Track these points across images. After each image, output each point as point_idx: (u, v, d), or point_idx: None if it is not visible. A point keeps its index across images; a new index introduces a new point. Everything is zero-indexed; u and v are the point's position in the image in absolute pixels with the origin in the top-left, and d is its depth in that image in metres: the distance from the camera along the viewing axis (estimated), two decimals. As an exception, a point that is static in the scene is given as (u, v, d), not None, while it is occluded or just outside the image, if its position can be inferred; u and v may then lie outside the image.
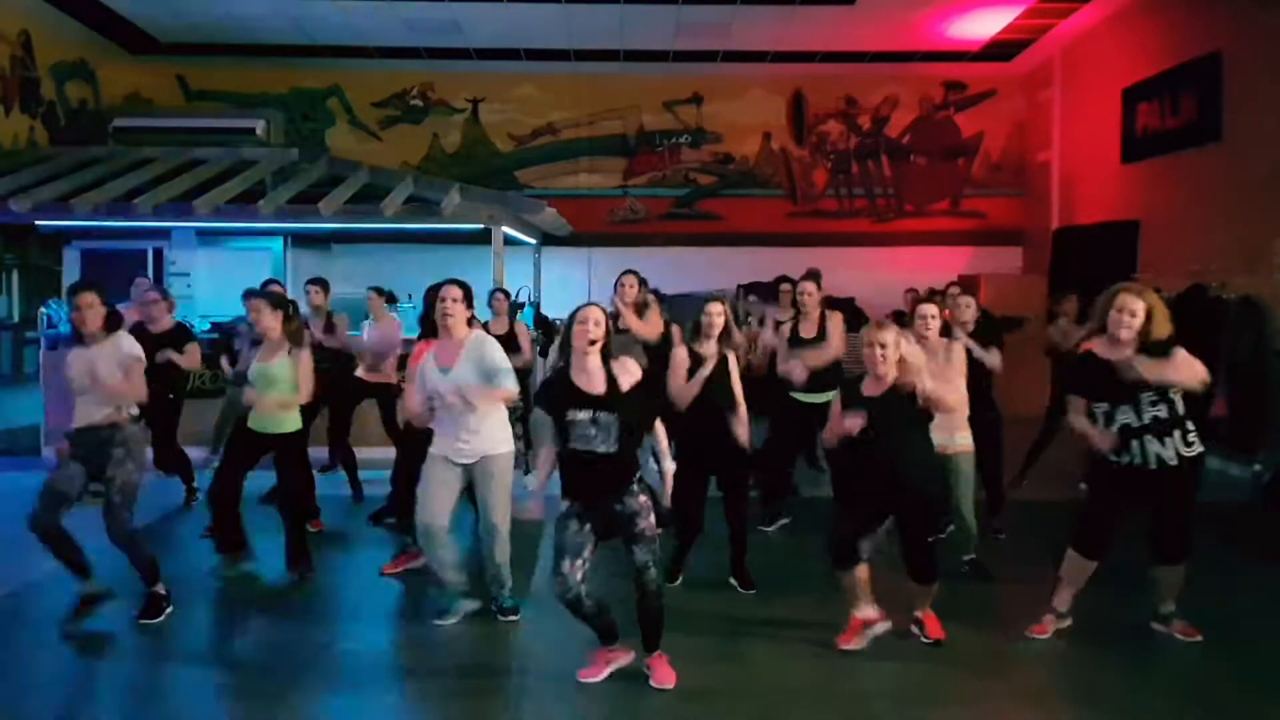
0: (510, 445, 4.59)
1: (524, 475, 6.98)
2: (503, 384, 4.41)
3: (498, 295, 7.37)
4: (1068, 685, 4.05)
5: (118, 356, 4.50)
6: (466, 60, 12.73)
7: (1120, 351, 4.15)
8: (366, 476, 6.94)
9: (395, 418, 6.41)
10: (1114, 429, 4.15)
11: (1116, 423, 4.14)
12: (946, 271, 11.59)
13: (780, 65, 12.83)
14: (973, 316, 5.77)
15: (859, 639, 4.27)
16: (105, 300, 4.55)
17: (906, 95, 13.52)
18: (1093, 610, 4.48)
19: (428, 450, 4.57)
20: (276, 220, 9.08)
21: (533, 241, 11.97)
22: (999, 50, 12.24)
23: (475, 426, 4.42)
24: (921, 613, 4.37)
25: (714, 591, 5.00)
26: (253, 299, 5.23)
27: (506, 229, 9.38)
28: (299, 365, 5.15)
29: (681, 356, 4.93)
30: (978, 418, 5.10)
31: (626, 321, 6.11)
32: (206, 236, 11.48)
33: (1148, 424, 4.09)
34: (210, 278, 11.66)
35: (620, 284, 6.36)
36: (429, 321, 4.80)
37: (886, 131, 13.61)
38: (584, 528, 3.79)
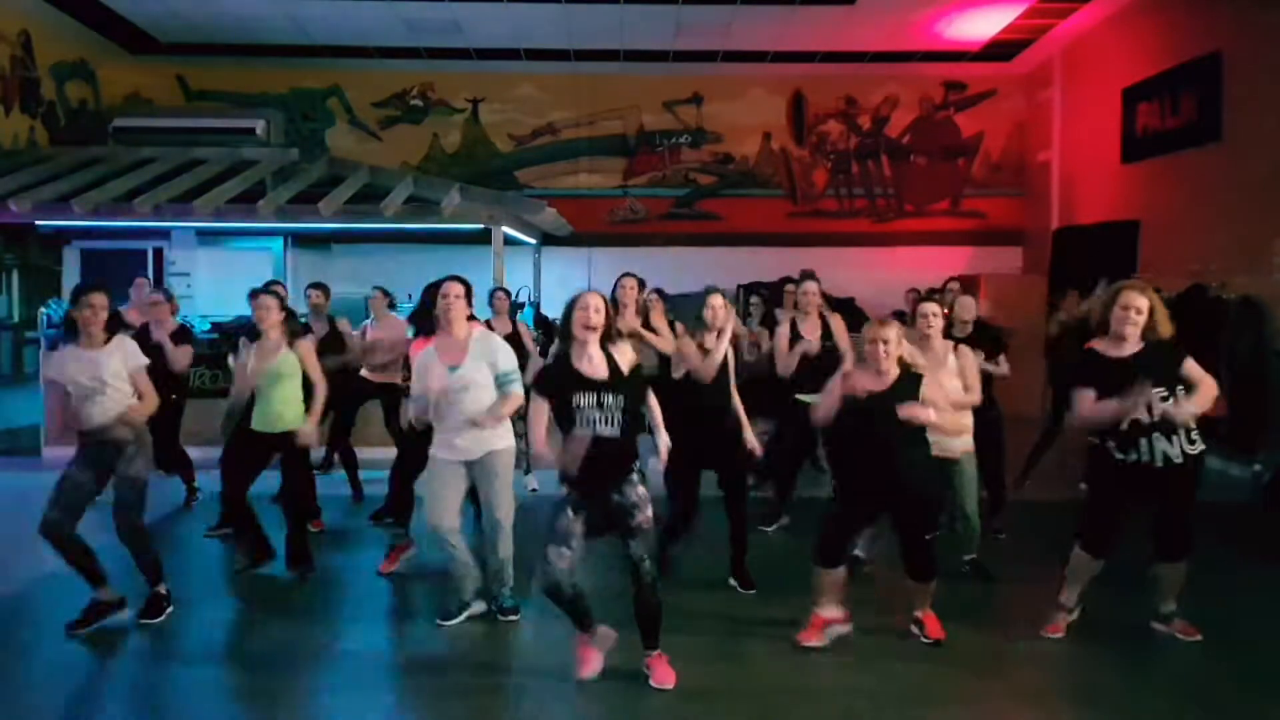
0: (511, 441, 4.61)
1: (524, 475, 6.99)
2: (512, 390, 4.46)
3: (499, 295, 7.35)
4: (1068, 685, 4.05)
5: (127, 364, 4.50)
6: (466, 60, 12.73)
7: (1123, 349, 4.16)
8: (367, 476, 6.94)
9: (398, 418, 6.40)
10: (1124, 425, 4.13)
11: (1127, 419, 4.13)
12: (946, 272, 11.54)
13: (780, 65, 12.83)
14: (973, 316, 5.80)
15: (820, 636, 4.30)
16: (111, 303, 4.57)
17: (906, 95, 13.53)
18: (1093, 610, 4.49)
19: (428, 451, 4.57)
20: (276, 220, 9.09)
21: (533, 241, 11.98)
22: (999, 50, 12.25)
23: (476, 424, 4.41)
24: (921, 613, 4.38)
25: (714, 591, 5.00)
26: (262, 296, 5.24)
27: (506, 229, 9.39)
28: (305, 356, 5.22)
29: (691, 348, 5.00)
30: (979, 418, 5.11)
31: (649, 340, 6.04)
32: (206, 236, 11.51)
33: (1157, 421, 4.09)
34: (210, 278, 11.69)
35: (620, 286, 6.34)
36: (424, 318, 4.79)
37: (886, 131, 13.62)
38: (577, 517, 3.81)
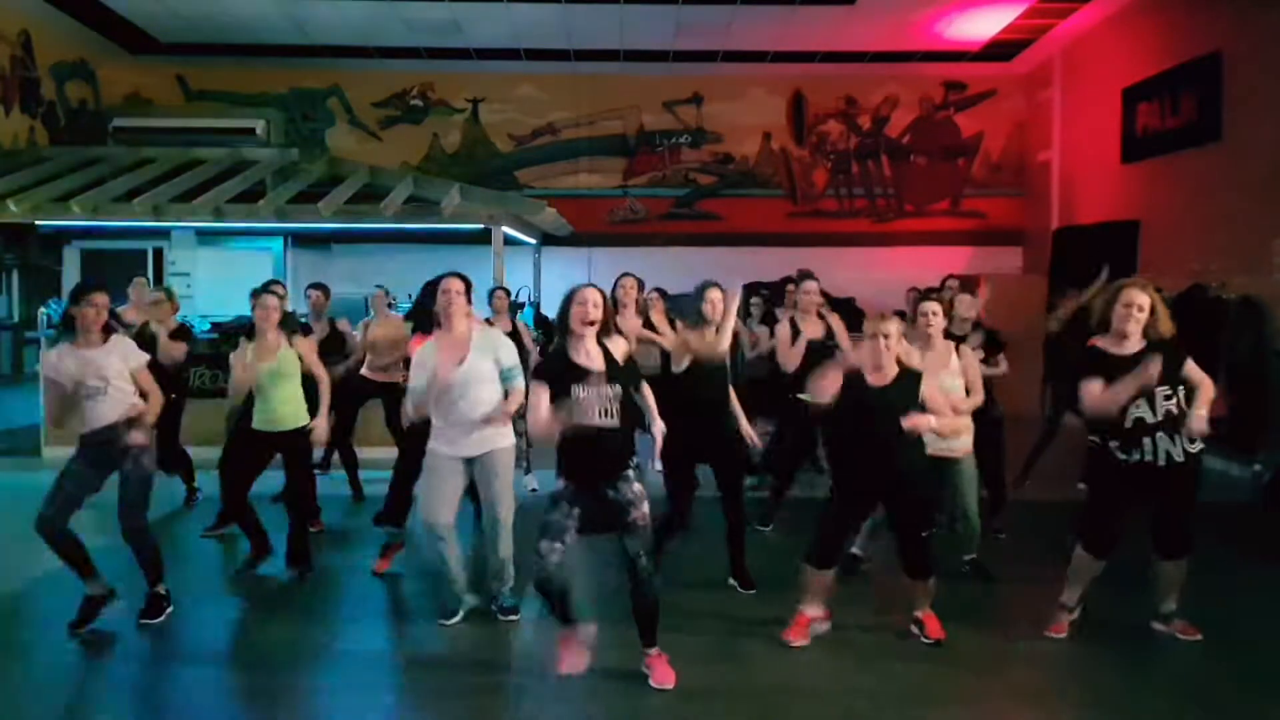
0: (512, 439, 4.61)
1: (524, 475, 6.98)
2: (516, 384, 4.47)
3: (498, 293, 7.35)
4: (1068, 685, 4.05)
5: (128, 362, 4.52)
6: (466, 60, 12.73)
7: (1125, 347, 4.16)
8: (367, 477, 6.94)
9: (400, 417, 6.39)
10: (1128, 424, 4.14)
11: (1131, 417, 4.13)
12: (946, 272, 11.56)
13: (780, 65, 12.83)
14: (973, 314, 5.82)
15: (806, 635, 4.32)
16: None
17: (906, 95, 13.53)
18: (1093, 610, 4.49)
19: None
20: (276, 220, 9.09)
21: (533, 241, 11.98)
22: (999, 50, 12.25)
23: (479, 421, 4.42)
24: (922, 613, 4.38)
25: (714, 591, 4.99)
26: (263, 296, 5.24)
27: (506, 229, 9.38)
28: (305, 353, 5.23)
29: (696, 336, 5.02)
30: (979, 418, 5.11)
31: (654, 339, 6.02)
32: (206, 236, 11.52)
33: (1161, 419, 4.10)
34: (210, 278, 11.70)
35: (620, 285, 6.35)
36: (423, 316, 4.78)
37: (886, 131, 13.62)
38: (572, 511, 3.82)
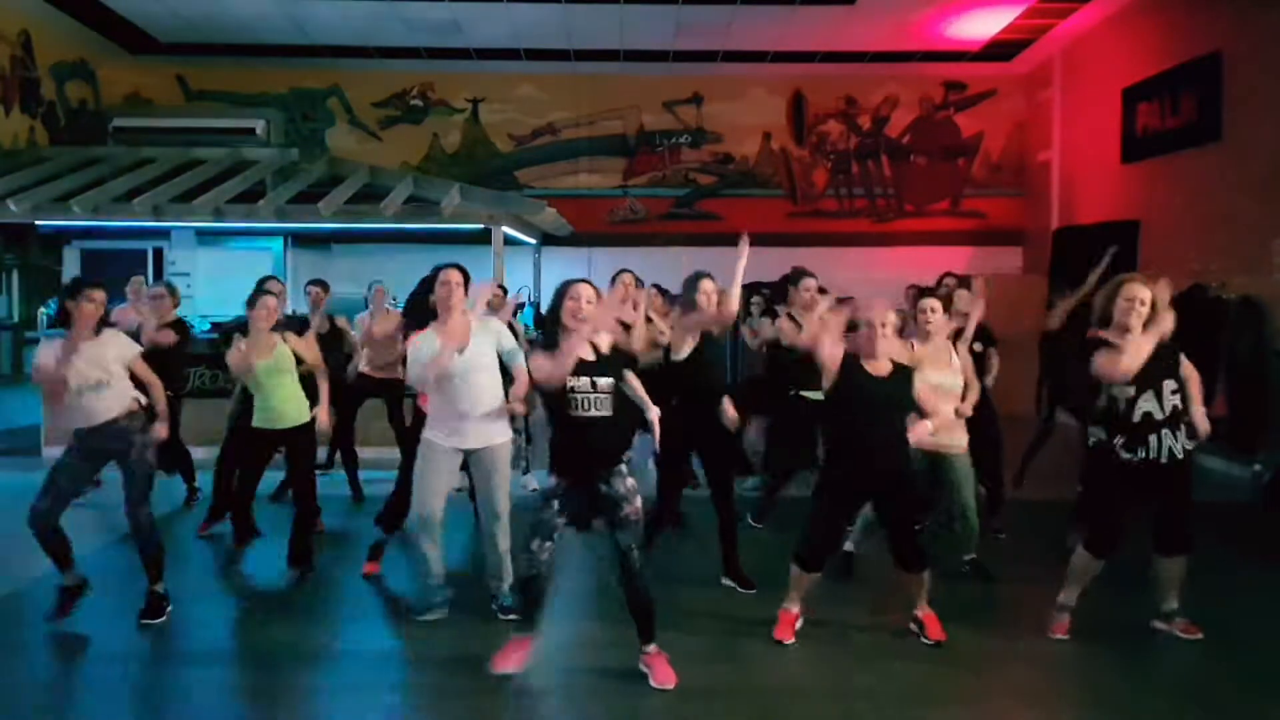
0: (510, 434, 4.61)
1: (522, 475, 6.98)
2: (518, 362, 4.48)
3: (496, 291, 7.36)
4: (1068, 685, 4.05)
5: (123, 355, 4.55)
6: (466, 60, 12.74)
7: (1127, 342, 4.17)
8: (367, 477, 6.93)
9: (401, 415, 6.39)
10: (1136, 419, 4.14)
11: (1139, 412, 4.13)
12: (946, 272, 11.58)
13: (780, 65, 12.83)
14: (971, 310, 5.85)
15: (793, 633, 4.36)
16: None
17: (906, 95, 13.53)
18: (1093, 610, 4.48)
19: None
20: (276, 220, 9.09)
21: (533, 241, 11.98)
22: (999, 50, 12.25)
23: (478, 411, 4.41)
24: (921, 612, 4.38)
25: (714, 591, 4.99)
26: (264, 296, 5.24)
27: (506, 229, 9.39)
28: (302, 348, 5.24)
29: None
30: (975, 416, 5.11)
31: (658, 325, 6.02)
32: (206, 236, 11.50)
33: (1168, 415, 4.10)
34: (210, 278, 11.68)
35: (620, 283, 6.35)
36: (418, 308, 4.74)
37: (886, 131, 13.62)
38: (562, 510, 3.85)
